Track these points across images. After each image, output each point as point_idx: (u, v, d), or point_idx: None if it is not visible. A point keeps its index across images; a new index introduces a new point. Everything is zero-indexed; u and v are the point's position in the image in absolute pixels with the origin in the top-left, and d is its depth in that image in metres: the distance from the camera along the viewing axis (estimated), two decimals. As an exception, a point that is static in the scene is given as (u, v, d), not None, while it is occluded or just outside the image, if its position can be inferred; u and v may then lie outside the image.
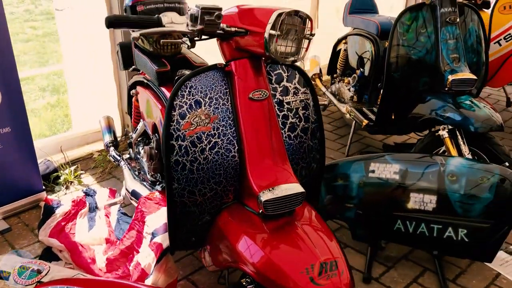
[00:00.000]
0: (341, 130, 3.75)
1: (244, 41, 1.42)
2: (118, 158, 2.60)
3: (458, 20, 2.41)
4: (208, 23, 1.32)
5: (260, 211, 1.39)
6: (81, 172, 3.04)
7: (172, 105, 1.44)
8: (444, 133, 2.29)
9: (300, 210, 1.47)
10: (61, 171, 2.94)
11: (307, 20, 1.41)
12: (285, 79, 1.59)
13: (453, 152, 2.28)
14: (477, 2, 2.29)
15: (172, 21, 1.37)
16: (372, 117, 2.86)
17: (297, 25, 1.38)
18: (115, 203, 2.31)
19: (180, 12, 2.19)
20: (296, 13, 1.37)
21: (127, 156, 2.60)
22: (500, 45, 3.45)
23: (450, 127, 2.30)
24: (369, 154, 2.33)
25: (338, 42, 3.68)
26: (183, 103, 1.45)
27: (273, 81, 1.57)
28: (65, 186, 2.88)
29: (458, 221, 2.00)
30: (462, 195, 2.02)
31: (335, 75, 3.77)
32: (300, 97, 1.61)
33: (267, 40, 1.33)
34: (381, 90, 2.60)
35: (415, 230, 2.07)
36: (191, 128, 1.45)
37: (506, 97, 4.09)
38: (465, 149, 2.28)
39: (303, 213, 1.47)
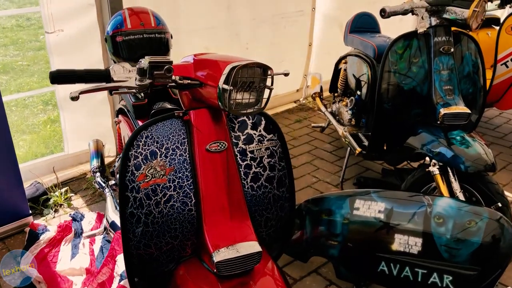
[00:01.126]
0: (341, 151, 3.65)
1: (200, 93, 1.36)
2: (103, 185, 2.57)
3: (452, 49, 2.30)
4: (157, 77, 1.27)
5: (215, 271, 1.33)
6: (71, 194, 3.02)
7: (127, 155, 1.39)
8: (434, 169, 2.19)
9: (259, 268, 1.40)
10: (51, 193, 2.93)
11: (268, 70, 1.34)
12: (249, 127, 1.52)
13: (444, 189, 2.17)
14: (470, 28, 2.17)
15: (124, 72, 1.32)
16: (367, 143, 2.76)
17: (254, 76, 1.31)
18: (94, 235, 2.28)
19: (161, 43, 2.15)
20: (254, 65, 1.30)
21: (113, 182, 2.57)
22: (507, 66, 3.30)
23: (441, 163, 2.19)
24: (355, 190, 2.24)
25: (339, 60, 3.58)
26: (138, 153, 1.40)
27: (236, 129, 1.50)
28: (54, 209, 2.87)
29: (443, 267, 1.90)
30: (448, 239, 1.92)
31: (336, 94, 3.68)
32: (265, 145, 1.54)
33: (220, 94, 1.27)
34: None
35: (399, 273, 1.98)
36: (146, 180, 1.40)
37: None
38: (456, 187, 2.17)
39: (262, 271, 1.40)
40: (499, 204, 2.10)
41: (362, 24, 3.43)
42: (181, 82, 1.32)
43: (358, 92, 3.10)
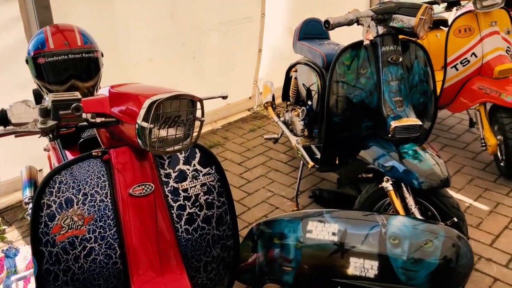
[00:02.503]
0: (296, 161, 3.54)
1: (119, 130, 1.19)
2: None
3: (401, 59, 2.21)
4: (64, 117, 1.09)
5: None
6: (5, 227, 2.77)
7: (38, 204, 1.21)
8: (388, 185, 2.09)
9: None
10: (-19, 227, 2.68)
11: (196, 102, 1.19)
12: (181, 162, 1.36)
13: (398, 206, 2.08)
14: (417, 36, 2.10)
15: (26, 112, 1.13)
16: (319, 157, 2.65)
17: (180, 110, 1.16)
18: (24, 277, 2.06)
19: (90, 63, 1.96)
20: (179, 97, 1.14)
21: None
22: (457, 69, 3.27)
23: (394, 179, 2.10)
24: (306, 211, 2.12)
25: (290, 68, 3.47)
26: (51, 201, 1.22)
27: (165, 166, 1.34)
28: (-16, 245, 2.62)
29: (401, 290, 1.81)
30: (405, 261, 1.83)
31: (288, 103, 3.56)
32: (201, 181, 1.38)
33: (140, 133, 1.11)
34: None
35: (356, 298, 1.87)
36: (62, 232, 1.22)
37: (469, 117, 3.93)
38: (411, 202, 2.08)
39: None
40: (455, 219, 2.03)
41: (311, 31, 3.33)
42: (93, 120, 1.15)
43: (309, 102, 3.00)
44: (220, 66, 3.94)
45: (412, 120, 2.13)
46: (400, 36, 2.27)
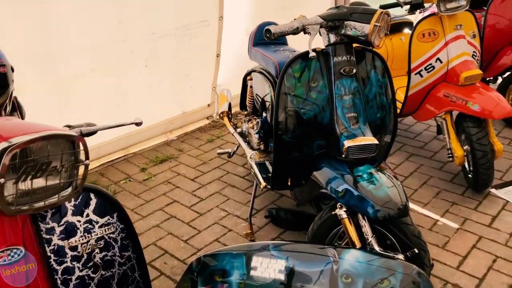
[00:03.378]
0: (254, 175, 3.30)
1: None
2: None
3: (355, 70, 1.99)
4: None
5: None
6: None
7: None
8: (341, 213, 1.87)
9: None
10: None
11: (76, 141, 0.93)
12: (69, 213, 1.10)
13: (353, 235, 1.86)
14: (372, 45, 1.88)
15: None
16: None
17: (50, 154, 0.90)
18: None
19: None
20: (48, 138, 0.88)
21: None
22: (421, 76, 3.08)
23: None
24: (251, 244, 1.88)
25: (246, 75, 3.23)
26: None
27: (47, 219, 1.08)
28: None
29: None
30: (358, 303, 1.61)
31: (246, 112, 3.32)
32: (96, 234, 1.12)
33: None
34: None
35: None
36: None
37: (437, 124, 3.75)
38: (367, 232, 1.86)
39: None
40: (415, 250, 1.82)
41: (267, 35, 3.08)
42: None
43: (264, 114, 2.76)
44: (175, 74, 3.67)
45: (367, 139, 1.91)
46: (355, 45, 2.05)
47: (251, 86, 3.11)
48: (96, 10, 3.00)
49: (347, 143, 1.90)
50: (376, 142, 1.91)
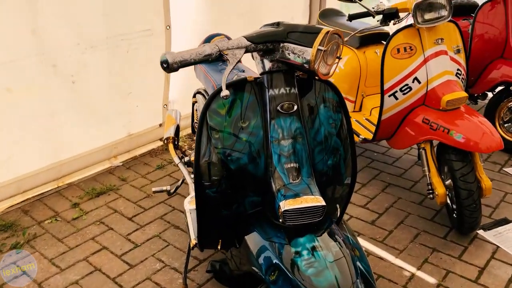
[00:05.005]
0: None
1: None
2: None
3: (296, 107, 1.52)
4: None
5: None
6: None
7: None
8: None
9: None
10: None
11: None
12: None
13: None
14: (316, 74, 1.41)
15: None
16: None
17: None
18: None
19: None
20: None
21: None
22: (396, 98, 2.62)
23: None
24: None
25: (193, 96, 2.75)
26: None
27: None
28: None
29: None
30: None
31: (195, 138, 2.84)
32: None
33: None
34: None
35: None
36: None
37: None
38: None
39: None
40: None
41: (215, 50, 2.60)
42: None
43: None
44: (114, 90, 3.19)
45: (311, 199, 1.44)
46: (299, 72, 1.58)
47: (196, 110, 2.64)
48: (3, 18, 2.51)
49: (284, 205, 1.42)
50: (322, 203, 1.43)
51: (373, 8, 2.64)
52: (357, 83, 3.16)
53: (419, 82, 2.55)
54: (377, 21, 2.70)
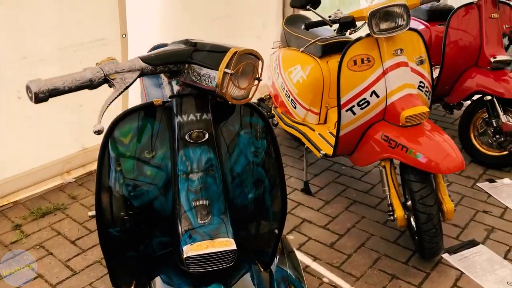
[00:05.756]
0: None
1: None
2: None
3: (207, 136, 1.34)
4: None
5: None
6: None
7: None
8: None
9: None
10: None
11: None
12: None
13: None
14: (226, 99, 1.23)
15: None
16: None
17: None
18: None
19: None
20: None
21: None
22: (354, 113, 2.44)
23: None
24: None
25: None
26: None
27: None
28: None
29: None
30: None
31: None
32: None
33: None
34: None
35: None
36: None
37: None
38: None
39: None
40: None
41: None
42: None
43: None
44: (64, 103, 2.99)
45: (219, 243, 1.26)
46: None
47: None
48: None
49: (187, 250, 1.24)
50: (232, 247, 1.25)
51: (329, 16, 2.46)
52: (321, 94, 2.98)
53: (378, 96, 2.37)
54: (333, 30, 2.52)
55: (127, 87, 1.23)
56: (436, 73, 3.48)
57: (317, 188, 3.09)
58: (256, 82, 1.35)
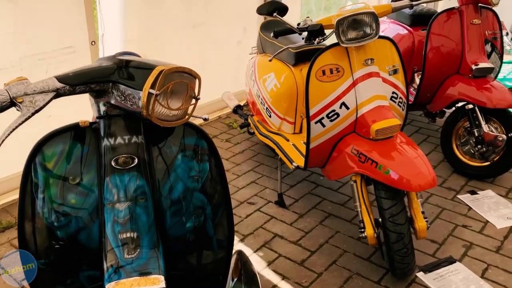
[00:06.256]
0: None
1: None
2: None
3: (136, 161, 1.23)
4: None
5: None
6: None
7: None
8: None
9: None
10: None
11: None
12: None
13: None
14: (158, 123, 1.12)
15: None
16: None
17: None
18: None
19: None
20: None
21: None
22: (323, 125, 2.33)
23: None
24: None
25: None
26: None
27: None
28: None
29: None
30: None
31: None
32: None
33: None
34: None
35: None
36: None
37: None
38: None
39: None
40: None
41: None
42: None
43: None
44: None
45: (145, 281, 1.14)
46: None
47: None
48: None
49: (110, 289, 1.13)
50: (160, 285, 1.14)
51: (298, 24, 2.35)
52: (295, 103, 2.87)
53: (347, 108, 2.26)
54: (302, 38, 2.40)
55: (36, 111, 1.11)
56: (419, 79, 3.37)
57: (292, 200, 2.97)
58: (193, 101, 1.23)
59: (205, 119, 1.46)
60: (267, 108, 3.00)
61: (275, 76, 2.91)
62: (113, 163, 1.21)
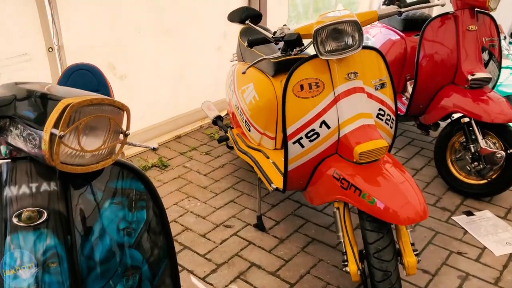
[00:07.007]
0: None
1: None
2: None
3: (46, 215, 0.98)
4: None
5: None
6: None
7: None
8: None
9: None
10: None
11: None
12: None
13: None
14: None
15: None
16: None
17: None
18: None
19: None
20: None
21: None
22: (302, 146, 2.08)
23: None
24: None
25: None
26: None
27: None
28: None
29: None
30: None
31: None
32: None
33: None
34: None
35: None
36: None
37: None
38: None
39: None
40: None
41: (76, 85, 2.06)
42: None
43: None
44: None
45: None
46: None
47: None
48: None
49: None
50: None
51: (274, 33, 2.10)
52: (275, 117, 2.62)
53: (328, 127, 2.01)
54: (278, 49, 2.16)
55: None
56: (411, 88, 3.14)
57: (272, 223, 2.72)
58: (121, 136, 0.98)
59: (153, 149, 1.22)
60: (246, 121, 2.76)
61: (254, 87, 2.67)
62: (14, 220, 0.96)
